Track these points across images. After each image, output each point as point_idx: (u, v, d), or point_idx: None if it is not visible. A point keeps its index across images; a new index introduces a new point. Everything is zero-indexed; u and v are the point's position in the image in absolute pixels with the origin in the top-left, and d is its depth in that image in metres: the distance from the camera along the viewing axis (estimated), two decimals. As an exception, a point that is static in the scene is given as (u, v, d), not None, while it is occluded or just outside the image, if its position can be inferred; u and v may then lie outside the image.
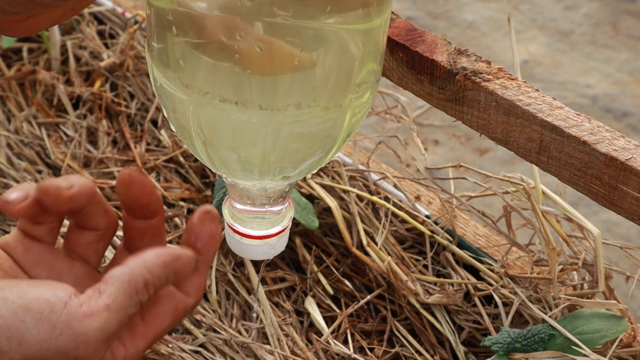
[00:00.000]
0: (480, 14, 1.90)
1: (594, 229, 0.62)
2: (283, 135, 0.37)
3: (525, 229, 0.70)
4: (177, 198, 0.76)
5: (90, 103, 0.87)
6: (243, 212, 0.44)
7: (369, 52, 0.38)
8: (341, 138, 0.40)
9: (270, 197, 0.43)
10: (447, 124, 1.54)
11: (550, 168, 0.43)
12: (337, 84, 0.37)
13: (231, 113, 0.36)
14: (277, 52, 0.35)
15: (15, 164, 0.80)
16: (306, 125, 0.37)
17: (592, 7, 1.92)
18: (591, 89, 1.67)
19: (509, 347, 0.58)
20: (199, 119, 0.38)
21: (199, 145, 0.39)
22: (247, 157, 0.39)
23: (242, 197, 0.43)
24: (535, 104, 0.42)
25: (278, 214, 0.45)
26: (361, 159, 0.78)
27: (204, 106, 0.37)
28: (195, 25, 0.35)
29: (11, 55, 0.95)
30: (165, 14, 0.36)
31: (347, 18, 0.35)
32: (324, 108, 0.37)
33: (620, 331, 0.57)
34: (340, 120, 0.39)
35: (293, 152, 0.39)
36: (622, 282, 0.79)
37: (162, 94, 0.39)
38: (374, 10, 0.36)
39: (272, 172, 0.40)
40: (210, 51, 0.35)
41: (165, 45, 0.37)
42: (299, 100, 0.36)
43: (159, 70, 0.38)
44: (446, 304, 0.65)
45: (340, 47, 0.36)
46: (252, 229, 0.45)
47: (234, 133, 0.38)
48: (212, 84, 0.36)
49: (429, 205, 0.75)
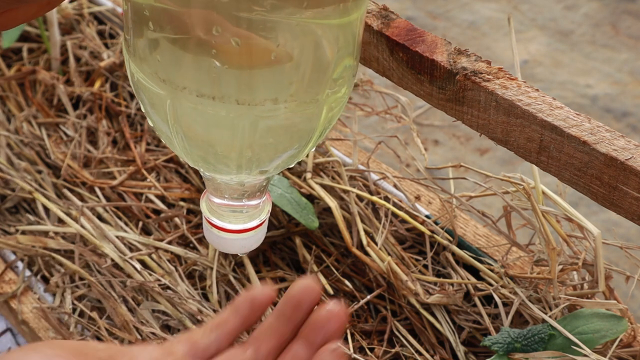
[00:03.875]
0: (480, 14, 1.90)
1: (594, 229, 0.62)
2: (260, 130, 0.38)
3: (525, 229, 0.70)
4: (177, 198, 0.76)
5: (90, 103, 0.87)
6: (221, 205, 0.44)
7: (346, 47, 0.38)
8: (318, 132, 0.40)
9: (247, 191, 0.43)
10: (447, 124, 1.54)
11: (550, 168, 0.43)
12: (313, 78, 0.37)
13: (208, 108, 0.37)
14: (254, 46, 0.35)
15: (15, 164, 0.80)
16: (283, 119, 0.38)
17: (592, 7, 1.92)
18: (591, 89, 1.67)
19: (509, 347, 0.58)
20: (176, 114, 0.38)
21: (177, 140, 0.40)
22: (224, 151, 0.39)
23: (219, 191, 0.44)
24: (535, 104, 0.42)
25: (256, 208, 0.45)
26: (361, 159, 0.78)
27: (181, 101, 0.37)
28: (172, 20, 0.35)
29: (11, 55, 0.95)
30: (142, 9, 0.36)
31: (323, 13, 0.36)
32: (300, 103, 0.37)
33: (620, 331, 0.57)
34: (317, 114, 0.39)
35: (270, 146, 0.39)
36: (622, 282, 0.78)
37: (139, 89, 0.39)
38: (350, 4, 0.37)
39: (249, 166, 0.40)
40: (187, 46, 0.35)
41: (142, 40, 0.37)
42: (276, 95, 0.36)
43: (136, 65, 0.38)
44: (446, 304, 0.65)
45: (317, 42, 0.37)
46: (229, 223, 0.45)
47: (211, 128, 0.38)
48: (189, 79, 0.36)
49: (429, 205, 0.75)
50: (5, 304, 0.69)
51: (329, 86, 0.38)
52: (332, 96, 0.39)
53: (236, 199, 0.44)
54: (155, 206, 0.75)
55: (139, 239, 0.71)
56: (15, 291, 0.69)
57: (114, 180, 0.78)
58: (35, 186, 0.77)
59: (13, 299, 0.68)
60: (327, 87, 0.38)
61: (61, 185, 0.78)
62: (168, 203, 0.76)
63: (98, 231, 0.71)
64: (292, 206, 0.71)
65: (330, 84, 0.38)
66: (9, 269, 0.71)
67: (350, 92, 0.41)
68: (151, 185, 0.77)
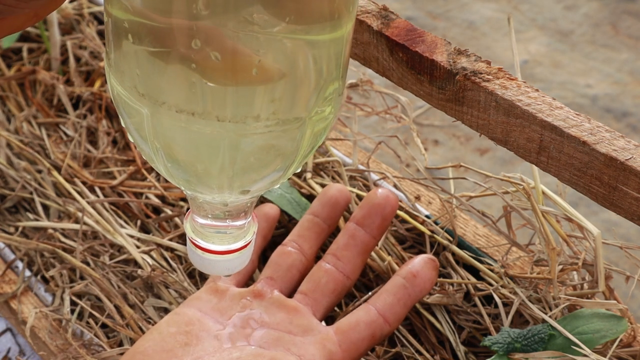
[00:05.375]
0: (480, 14, 1.90)
1: (594, 229, 0.62)
2: (241, 148, 0.36)
3: (525, 229, 0.70)
4: (177, 198, 0.76)
5: (90, 103, 0.87)
6: (205, 226, 0.43)
7: (330, 65, 0.37)
8: (302, 152, 0.39)
9: (230, 211, 0.42)
10: (447, 124, 1.54)
11: (550, 168, 0.43)
12: (296, 96, 0.36)
13: (188, 124, 0.35)
14: (235, 62, 0.34)
15: (15, 164, 0.80)
16: (265, 138, 0.36)
17: (592, 7, 1.92)
18: (591, 89, 1.67)
19: (509, 347, 0.58)
20: (155, 130, 0.37)
21: (156, 157, 0.38)
22: (205, 169, 0.38)
23: (203, 211, 0.42)
24: (535, 104, 0.42)
25: (240, 229, 0.44)
26: (361, 159, 0.78)
27: (160, 117, 0.36)
28: (151, 33, 0.34)
29: (11, 55, 0.95)
30: (121, 22, 0.35)
31: (307, 29, 0.34)
32: (283, 121, 0.36)
33: (620, 331, 0.57)
34: (301, 134, 0.38)
35: (252, 165, 0.38)
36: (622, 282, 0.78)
37: (119, 103, 0.38)
38: (336, 22, 0.35)
39: (230, 186, 0.39)
40: (166, 59, 0.34)
41: (121, 53, 0.36)
42: (258, 112, 0.35)
43: (115, 78, 0.37)
44: (446, 304, 0.65)
45: (301, 59, 0.35)
46: (213, 244, 0.43)
47: (190, 145, 0.37)
48: (168, 94, 0.35)
49: (429, 205, 0.75)
50: (5, 304, 0.69)
51: (313, 105, 0.37)
52: (317, 115, 0.38)
53: (220, 218, 0.43)
54: (155, 205, 0.75)
55: (140, 236, 0.71)
56: (15, 291, 0.69)
57: (114, 180, 0.78)
58: (35, 185, 0.77)
59: (13, 299, 0.68)
60: (311, 105, 0.37)
61: (61, 185, 0.78)
62: (168, 203, 0.76)
63: (101, 226, 0.72)
64: (292, 206, 0.71)
65: (315, 102, 0.37)
66: (9, 269, 0.71)
67: (336, 112, 0.40)
68: (151, 185, 0.77)
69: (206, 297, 0.57)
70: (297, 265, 0.61)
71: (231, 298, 0.57)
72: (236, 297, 0.57)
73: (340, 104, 0.41)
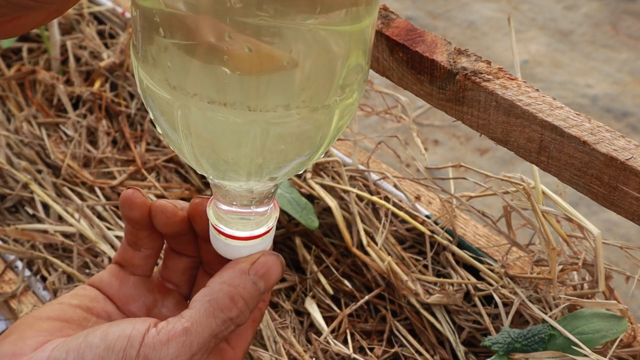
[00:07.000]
0: (480, 14, 1.90)
1: (594, 229, 0.62)
2: (271, 137, 0.37)
3: (525, 229, 0.70)
4: (177, 198, 0.76)
5: (90, 103, 0.87)
6: (228, 212, 0.44)
7: (358, 52, 0.38)
8: (328, 139, 0.40)
9: (255, 198, 0.43)
10: (447, 124, 1.54)
11: (550, 168, 0.42)
12: (325, 84, 0.37)
13: (219, 114, 0.36)
14: (267, 53, 0.35)
15: (15, 164, 0.80)
16: (294, 126, 0.37)
17: (592, 7, 1.92)
18: (591, 89, 1.67)
19: (509, 347, 0.58)
20: (186, 121, 0.38)
21: (186, 148, 0.39)
22: (235, 158, 0.39)
23: (227, 198, 0.43)
24: (535, 104, 0.42)
25: (263, 215, 0.45)
26: (361, 159, 0.78)
27: (191, 108, 0.37)
28: (183, 26, 0.35)
29: (11, 55, 0.95)
30: (152, 15, 0.36)
31: (336, 19, 0.36)
32: (312, 109, 0.37)
33: (620, 331, 0.57)
34: (328, 121, 0.39)
35: (281, 153, 0.39)
36: (622, 282, 0.79)
37: (148, 95, 0.39)
38: (363, 10, 0.37)
39: (259, 173, 0.40)
40: (198, 52, 0.35)
41: (152, 46, 0.37)
42: (288, 102, 0.36)
43: (145, 71, 0.38)
44: (446, 304, 0.65)
45: (329, 48, 0.36)
46: (237, 230, 0.44)
47: (222, 135, 0.38)
48: (200, 86, 0.36)
49: (429, 205, 0.75)
50: (5, 304, 0.69)
51: (340, 92, 0.38)
52: (344, 102, 0.39)
53: (245, 205, 0.44)
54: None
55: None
56: (15, 291, 0.69)
57: (114, 180, 0.78)
58: (35, 185, 0.77)
59: (13, 299, 0.68)
60: (338, 93, 0.38)
61: (61, 185, 0.78)
62: (168, 203, 0.76)
63: (95, 230, 0.71)
64: (292, 206, 0.71)
65: (342, 90, 0.38)
66: (9, 269, 0.71)
67: (360, 98, 0.41)
68: (151, 185, 0.77)
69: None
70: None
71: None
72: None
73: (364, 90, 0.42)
